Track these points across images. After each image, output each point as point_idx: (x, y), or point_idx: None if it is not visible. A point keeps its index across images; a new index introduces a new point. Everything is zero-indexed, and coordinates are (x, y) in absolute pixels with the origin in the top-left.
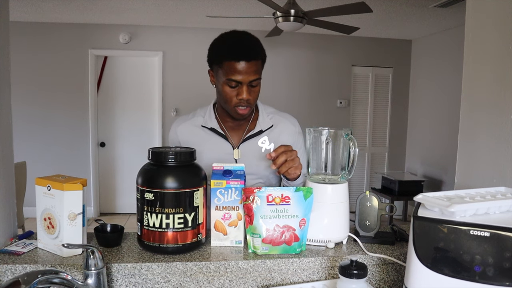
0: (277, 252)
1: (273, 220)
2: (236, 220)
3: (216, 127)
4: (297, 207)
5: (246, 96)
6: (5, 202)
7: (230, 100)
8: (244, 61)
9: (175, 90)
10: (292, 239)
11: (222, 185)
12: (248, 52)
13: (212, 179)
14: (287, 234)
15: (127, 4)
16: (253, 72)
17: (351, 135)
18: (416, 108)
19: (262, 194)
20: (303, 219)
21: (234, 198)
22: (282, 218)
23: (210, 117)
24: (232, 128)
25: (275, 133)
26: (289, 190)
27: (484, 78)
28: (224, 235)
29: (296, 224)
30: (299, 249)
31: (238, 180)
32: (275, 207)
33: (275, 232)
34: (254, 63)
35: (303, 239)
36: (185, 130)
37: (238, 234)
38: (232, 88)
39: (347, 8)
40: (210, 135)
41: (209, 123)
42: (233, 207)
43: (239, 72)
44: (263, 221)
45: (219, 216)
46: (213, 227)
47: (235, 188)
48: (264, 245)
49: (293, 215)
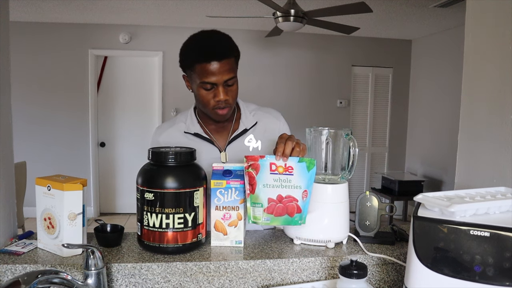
0: (279, 223)
1: (276, 190)
2: (236, 220)
3: (200, 132)
4: (300, 178)
5: (223, 96)
6: (5, 202)
7: (207, 103)
8: (216, 61)
9: (175, 90)
10: (295, 210)
11: (222, 185)
12: (219, 51)
13: (212, 179)
14: (290, 204)
15: (127, 4)
16: (226, 71)
17: (351, 135)
18: (416, 108)
19: (265, 162)
20: (305, 191)
21: (234, 198)
22: (285, 188)
23: (192, 122)
24: (216, 131)
25: (260, 130)
26: (292, 160)
27: (484, 78)
28: (224, 235)
29: (299, 195)
30: (300, 221)
31: (238, 180)
32: (278, 176)
33: (278, 202)
34: (226, 62)
35: (304, 211)
36: (167, 139)
37: (238, 234)
38: (208, 90)
39: (347, 8)
40: (195, 141)
41: (191, 129)
42: (233, 207)
43: (212, 73)
44: (266, 190)
45: (219, 216)
46: (213, 227)
47: (235, 188)
48: (266, 215)
49: (296, 185)
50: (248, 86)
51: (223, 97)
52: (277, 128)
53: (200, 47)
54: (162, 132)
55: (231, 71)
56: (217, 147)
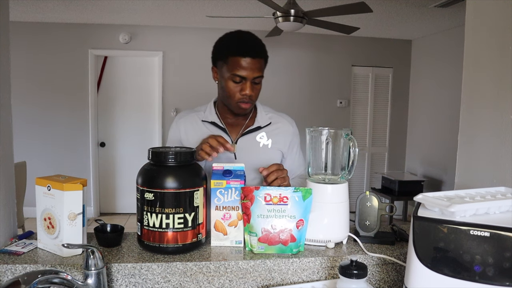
0: (273, 251)
1: (270, 220)
2: (236, 220)
3: (216, 121)
4: (295, 208)
5: (249, 92)
6: (5, 202)
7: (233, 96)
8: (250, 57)
9: (175, 90)
10: (289, 240)
11: (222, 185)
12: (254, 49)
13: (212, 179)
14: (283, 234)
15: (127, 4)
16: (257, 69)
17: (351, 135)
18: (416, 108)
19: (260, 193)
20: (300, 220)
21: (234, 198)
22: (279, 218)
23: (210, 112)
24: (231, 124)
25: (273, 131)
26: (287, 190)
27: (484, 78)
28: (224, 235)
29: (293, 225)
30: (295, 250)
31: (238, 180)
32: (272, 206)
33: (271, 232)
34: (258, 60)
35: (300, 239)
36: (187, 123)
37: (238, 234)
38: (236, 83)
39: (347, 8)
40: (210, 129)
41: (209, 118)
42: (233, 207)
43: (244, 68)
44: (260, 220)
45: (219, 216)
46: (213, 227)
47: (235, 188)
48: (260, 244)
49: (290, 215)
50: None
51: (249, 92)
52: (291, 133)
53: (238, 41)
54: (182, 116)
55: (260, 70)
56: (230, 138)
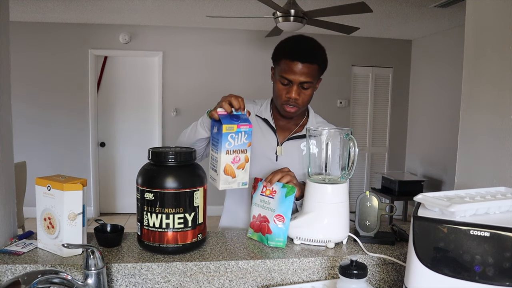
0: (255, 238)
1: (259, 209)
2: (244, 163)
3: (269, 119)
4: (277, 202)
5: (294, 95)
6: (5, 202)
7: (280, 97)
8: (298, 62)
9: (175, 90)
10: (265, 231)
11: (233, 129)
12: (303, 54)
13: (223, 124)
14: (263, 224)
15: (127, 4)
16: (304, 74)
17: (351, 135)
18: (416, 108)
19: (260, 184)
20: (279, 215)
21: (243, 142)
22: (264, 209)
23: (265, 109)
24: (281, 127)
25: None
26: (277, 185)
27: (484, 78)
28: (232, 178)
29: (271, 218)
30: (271, 243)
31: (247, 124)
32: (264, 197)
33: (257, 220)
34: (308, 66)
35: (278, 234)
36: None
37: (244, 176)
38: (284, 85)
39: (347, 8)
40: (261, 125)
41: (263, 114)
42: (242, 150)
43: (292, 71)
44: (254, 207)
45: (229, 160)
46: (222, 171)
47: (244, 131)
48: (250, 228)
49: (271, 208)
50: (249, 86)
51: (294, 96)
52: None
53: (291, 46)
54: None
55: (309, 76)
56: (277, 139)
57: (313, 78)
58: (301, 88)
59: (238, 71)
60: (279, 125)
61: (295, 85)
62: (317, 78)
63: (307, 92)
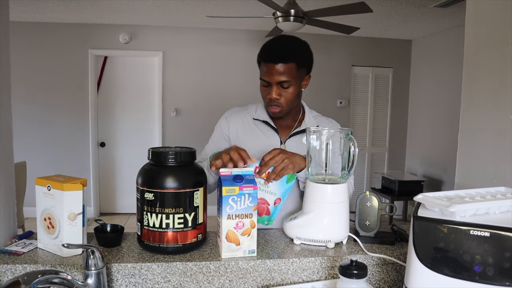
0: None
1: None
2: (249, 229)
3: (269, 121)
4: (277, 187)
5: (274, 96)
6: (5, 202)
7: (264, 98)
8: (272, 63)
9: (175, 90)
10: (264, 212)
11: (235, 191)
12: (277, 55)
13: (223, 186)
14: (261, 206)
15: (127, 4)
16: (281, 74)
17: (351, 135)
18: (416, 108)
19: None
20: (278, 198)
21: (247, 205)
22: (262, 192)
23: (262, 111)
24: (280, 125)
25: None
26: None
27: (484, 78)
28: (236, 246)
29: (271, 200)
30: (267, 223)
31: (251, 186)
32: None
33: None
34: (283, 65)
35: (273, 214)
36: (238, 120)
37: (251, 243)
38: (265, 87)
39: (347, 8)
40: (262, 128)
41: (261, 116)
42: (246, 215)
43: (268, 73)
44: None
45: (231, 225)
46: (224, 238)
47: (248, 194)
48: None
49: (271, 191)
50: (249, 86)
51: (274, 96)
52: None
53: (266, 48)
54: (233, 113)
55: (286, 75)
56: (280, 138)
57: (291, 77)
58: (281, 87)
59: (238, 71)
60: (279, 125)
61: (274, 86)
62: (298, 75)
63: (289, 90)
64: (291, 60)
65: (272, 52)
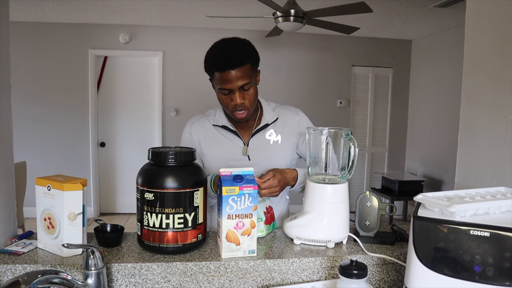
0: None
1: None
2: (249, 229)
3: (227, 125)
4: None
5: (239, 101)
6: (5, 202)
7: (227, 106)
8: (229, 70)
9: (175, 90)
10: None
11: (235, 191)
12: (232, 61)
13: (223, 186)
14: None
15: (127, 4)
16: (241, 78)
17: (351, 135)
18: (416, 108)
19: None
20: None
21: (247, 205)
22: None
23: (220, 116)
24: (241, 127)
25: (280, 125)
26: None
27: (484, 78)
28: (236, 246)
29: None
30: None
31: (251, 186)
32: None
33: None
34: (240, 69)
35: None
36: (199, 128)
37: (251, 243)
38: (226, 95)
39: (347, 8)
40: (222, 133)
41: (220, 121)
42: (246, 215)
43: (228, 80)
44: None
45: (231, 225)
46: (224, 238)
47: (248, 194)
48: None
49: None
50: None
51: (239, 101)
52: (296, 122)
53: (216, 56)
54: (193, 123)
55: (245, 78)
56: (241, 140)
57: (250, 78)
58: (243, 91)
59: None
60: (239, 126)
61: (236, 92)
62: (253, 74)
63: (250, 91)
64: (245, 61)
65: (226, 59)
